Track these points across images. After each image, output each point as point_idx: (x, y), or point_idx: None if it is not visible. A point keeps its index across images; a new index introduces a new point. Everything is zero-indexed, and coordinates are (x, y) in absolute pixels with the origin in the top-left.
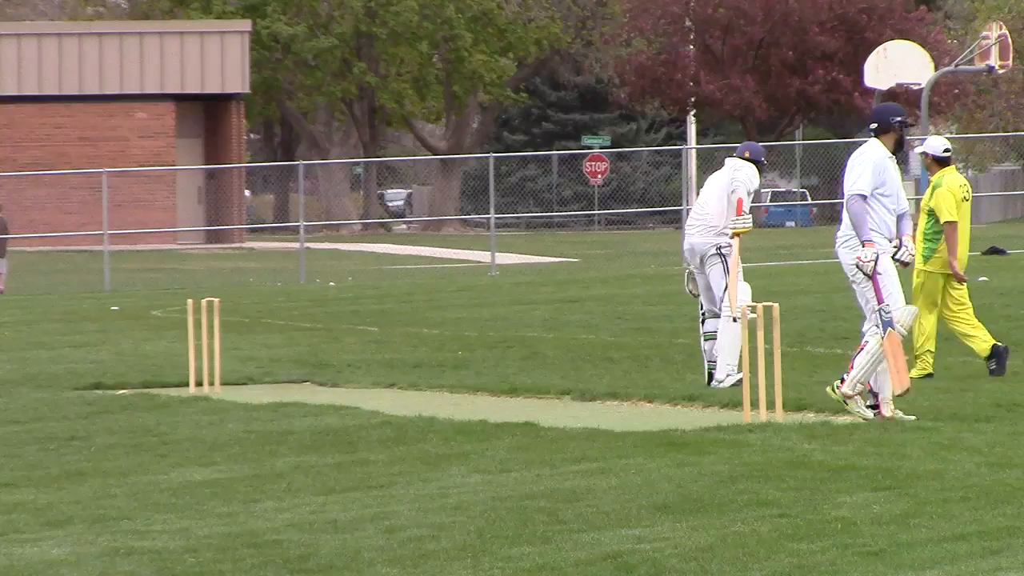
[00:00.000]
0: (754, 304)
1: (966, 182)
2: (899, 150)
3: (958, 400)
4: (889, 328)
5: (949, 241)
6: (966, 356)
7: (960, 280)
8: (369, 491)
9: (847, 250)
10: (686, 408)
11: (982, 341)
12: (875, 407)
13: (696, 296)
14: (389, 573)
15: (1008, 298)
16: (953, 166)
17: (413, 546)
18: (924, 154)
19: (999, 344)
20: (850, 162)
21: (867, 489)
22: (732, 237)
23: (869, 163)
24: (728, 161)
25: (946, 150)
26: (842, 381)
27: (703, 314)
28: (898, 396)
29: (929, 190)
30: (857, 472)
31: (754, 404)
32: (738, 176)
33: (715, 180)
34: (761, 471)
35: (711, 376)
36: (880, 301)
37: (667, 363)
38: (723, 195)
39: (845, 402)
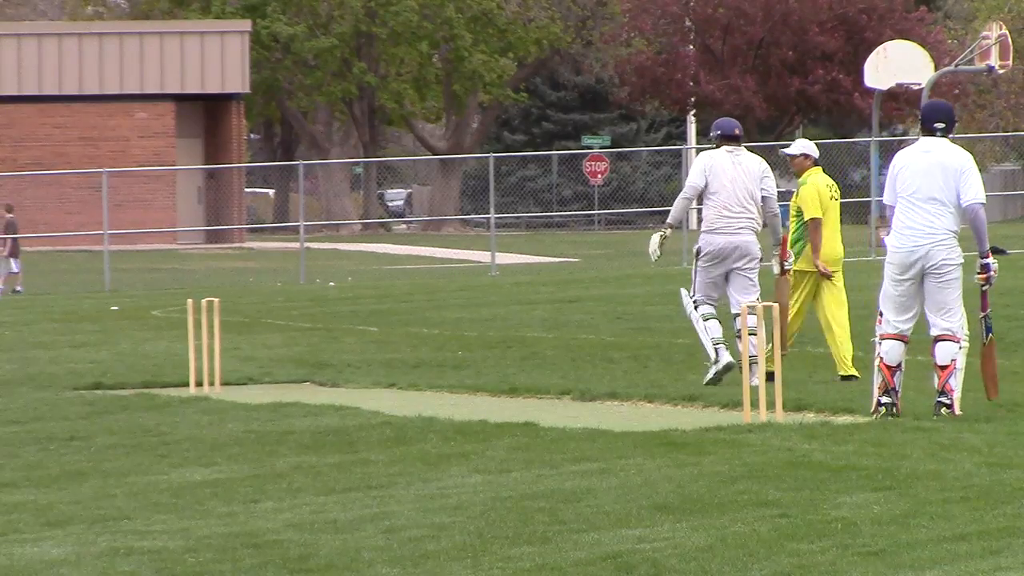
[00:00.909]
0: (754, 304)
1: (833, 183)
2: None
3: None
4: (990, 334)
5: (813, 238)
6: (966, 356)
7: (825, 276)
8: (369, 491)
9: (942, 248)
10: (686, 408)
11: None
12: (949, 405)
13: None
14: (389, 573)
15: (1008, 298)
16: (820, 168)
17: (413, 546)
18: (805, 155)
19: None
20: (964, 167)
21: (867, 489)
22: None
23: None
24: (740, 152)
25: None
26: (949, 407)
27: (697, 302)
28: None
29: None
30: (857, 472)
31: (754, 404)
32: (769, 180)
33: (744, 170)
34: (761, 471)
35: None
36: (984, 309)
37: (667, 363)
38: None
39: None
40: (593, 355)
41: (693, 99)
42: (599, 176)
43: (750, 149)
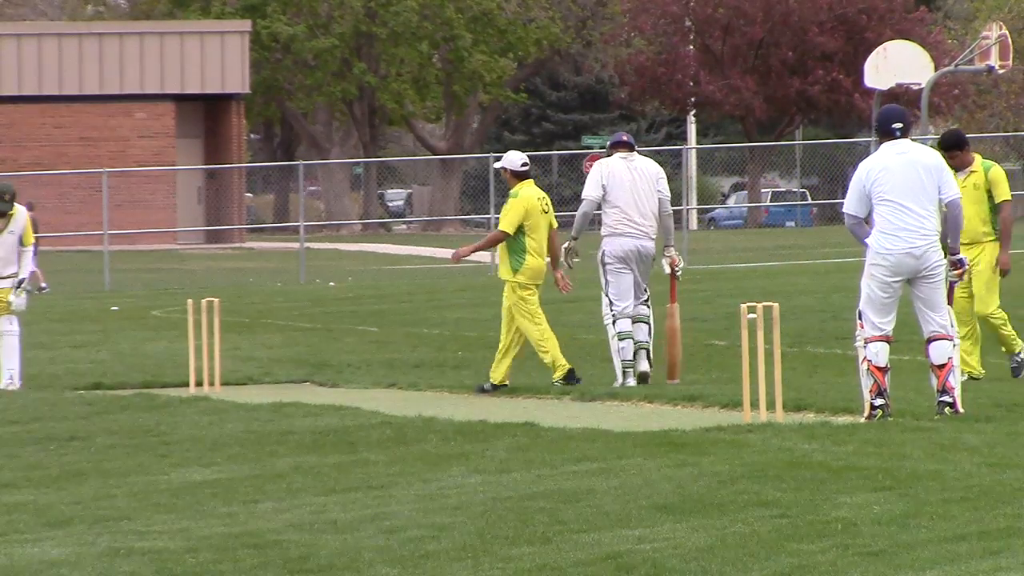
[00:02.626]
0: (754, 304)
1: (544, 195)
2: None
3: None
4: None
5: (485, 241)
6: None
7: (454, 258)
8: (369, 491)
9: (935, 250)
10: (686, 408)
11: (547, 354)
12: (952, 404)
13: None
14: (389, 573)
15: (1008, 298)
16: (532, 180)
17: (413, 546)
18: (503, 168)
19: (570, 368)
20: (941, 164)
21: (867, 489)
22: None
23: None
24: (634, 157)
25: (524, 164)
26: (952, 406)
27: (618, 313)
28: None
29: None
30: (857, 472)
31: (754, 404)
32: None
33: (641, 174)
34: (761, 471)
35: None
36: (949, 303)
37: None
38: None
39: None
40: (593, 355)
41: (693, 99)
42: None
43: (750, 149)
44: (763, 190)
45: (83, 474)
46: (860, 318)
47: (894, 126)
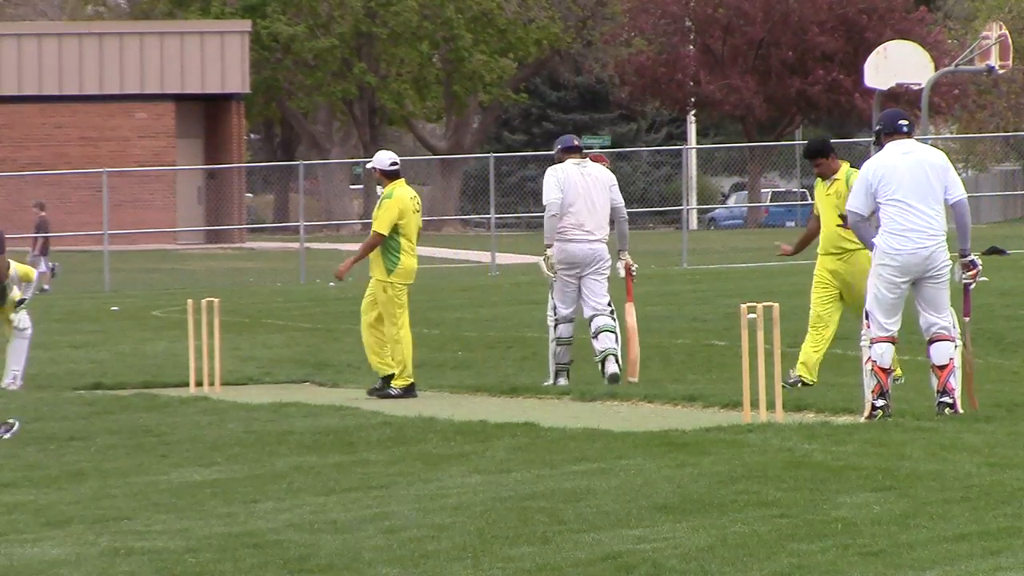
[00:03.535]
0: (754, 304)
1: (416, 195)
2: None
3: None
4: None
5: (365, 246)
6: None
7: (337, 275)
8: (369, 491)
9: (942, 250)
10: (686, 408)
11: (381, 363)
12: (952, 404)
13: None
14: (389, 573)
15: (1008, 298)
16: (403, 179)
17: (413, 546)
18: (374, 169)
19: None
20: (946, 163)
21: (867, 489)
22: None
23: None
24: (586, 163)
25: (393, 163)
26: (952, 407)
27: (560, 319)
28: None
29: (380, 200)
30: (857, 472)
31: (754, 404)
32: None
33: (594, 180)
34: (761, 471)
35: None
36: (968, 313)
37: (667, 363)
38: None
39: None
40: (593, 355)
41: (693, 99)
42: None
43: (750, 149)
44: (763, 190)
45: (83, 474)
46: (867, 318)
47: (900, 122)
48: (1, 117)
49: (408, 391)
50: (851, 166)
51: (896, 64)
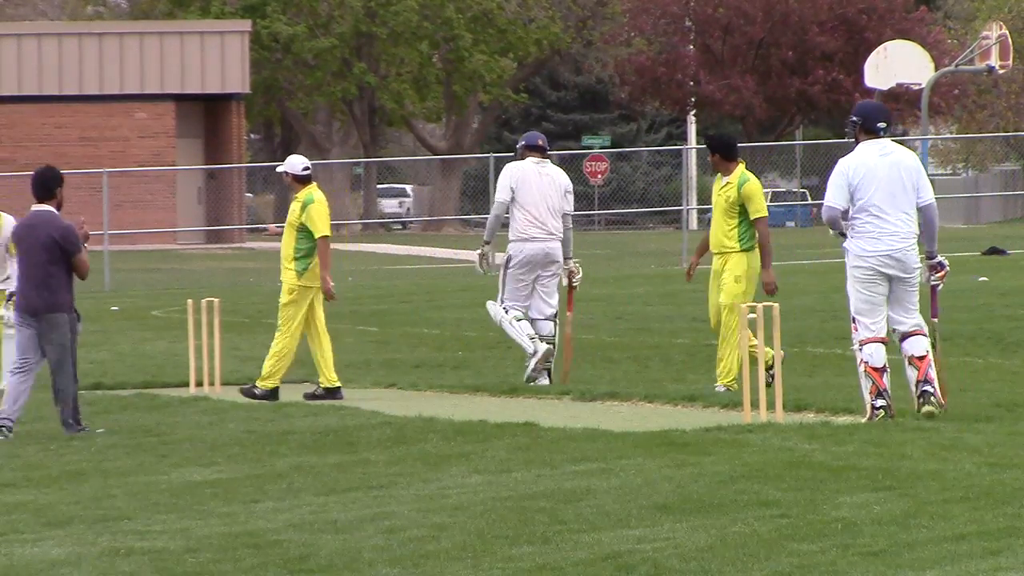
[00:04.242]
0: (754, 304)
1: (323, 197)
2: None
3: (958, 400)
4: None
5: (323, 256)
6: (966, 356)
7: (329, 296)
8: (369, 491)
9: (914, 252)
10: (686, 408)
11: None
12: (933, 393)
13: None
14: (389, 573)
15: (1008, 298)
16: (315, 183)
17: (413, 546)
18: (284, 173)
19: (277, 387)
20: (919, 166)
21: (867, 489)
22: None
23: None
24: (546, 163)
25: (305, 168)
26: (934, 395)
27: (507, 308)
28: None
29: (299, 207)
30: (857, 472)
31: (754, 404)
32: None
33: (551, 181)
34: (761, 471)
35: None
36: (936, 314)
37: (667, 363)
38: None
39: (942, 407)
40: (593, 355)
41: (693, 99)
42: (599, 176)
43: (750, 149)
44: (763, 190)
45: (83, 474)
46: (854, 321)
47: (879, 125)
48: (1, 117)
49: (272, 395)
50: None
51: (896, 64)
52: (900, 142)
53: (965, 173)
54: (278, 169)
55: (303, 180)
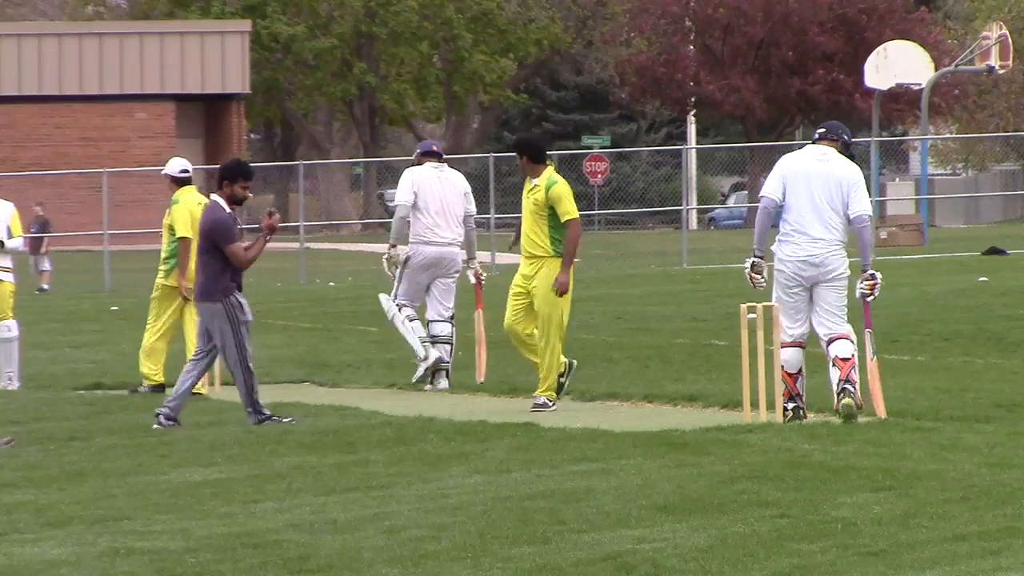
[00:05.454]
0: (754, 304)
1: (204, 200)
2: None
3: (958, 400)
4: (875, 354)
5: (181, 257)
6: (966, 356)
7: (186, 297)
8: (369, 491)
9: (836, 257)
10: (686, 408)
11: (151, 370)
12: (853, 393)
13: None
14: (389, 573)
15: (1008, 298)
16: (194, 186)
17: (413, 546)
18: (166, 175)
19: (162, 385)
20: (856, 179)
21: (867, 489)
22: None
23: None
24: (443, 167)
25: (183, 170)
26: (853, 395)
27: (400, 306)
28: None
29: (170, 208)
30: (857, 472)
31: (754, 404)
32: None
33: (450, 184)
34: (761, 471)
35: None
36: (869, 324)
37: (667, 363)
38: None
39: (859, 407)
40: (593, 355)
41: (693, 99)
42: (599, 176)
43: (750, 149)
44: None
45: (83, 474)
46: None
47: (819, 131)
48: (1, 117)
49: (156, 388)
50: (556, 171)
51: (896, 64)
52: (900, 142)
53: (965, 173)
54: (162, 172)
55: (180, 182)
